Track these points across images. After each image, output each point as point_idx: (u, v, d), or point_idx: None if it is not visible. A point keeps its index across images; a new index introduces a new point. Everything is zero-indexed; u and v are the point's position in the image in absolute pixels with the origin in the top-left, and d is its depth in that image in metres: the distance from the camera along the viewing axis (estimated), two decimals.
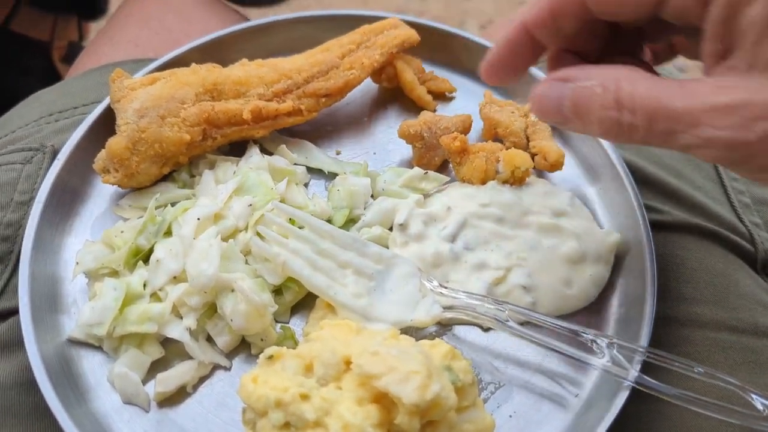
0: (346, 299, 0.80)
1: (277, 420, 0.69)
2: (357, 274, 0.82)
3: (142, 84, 0.89)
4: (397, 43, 0.98)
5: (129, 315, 0.77)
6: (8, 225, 0.86)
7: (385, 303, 0.81)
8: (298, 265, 0.81)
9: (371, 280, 0.82)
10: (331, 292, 0.80)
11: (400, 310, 0.80)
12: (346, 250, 0.83)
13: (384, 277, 0.82)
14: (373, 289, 0.81)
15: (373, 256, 0.83)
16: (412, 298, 0.81)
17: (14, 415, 0.76)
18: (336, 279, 0.81)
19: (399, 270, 0.82)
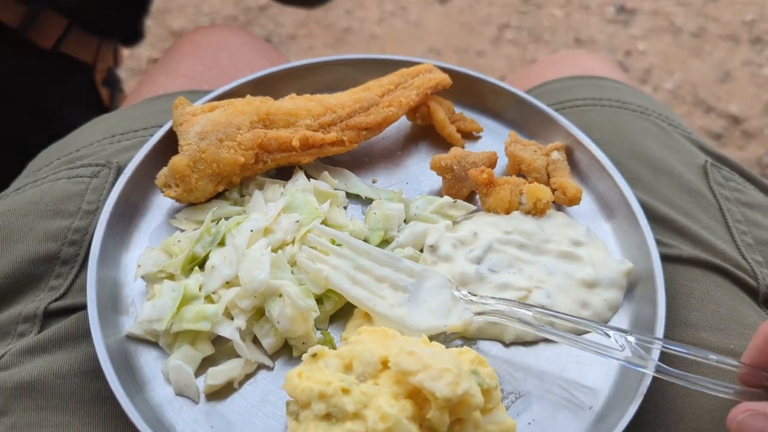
0: (384, 309, 0.88)
1: (320, 411, 0.76)
2: (392, 287, 0.90)
3: (203, 111, 0.98)
4: (431, 85, 1.08)
5: (185, 314, 0.85)
6: (76, 231, 0.95)
7: (419, 312, 0.88)
8: (340, 280, 0.89)
9: (405, 292, 0.90)
10: (370, 303, 0.88)
11: (434, 318, 0.88)
12: (381, 266, 0.91)
13: (417, 289, 0.90)
14: (407, 300, 0.89)
15: (406, 271, 0.91)
16: (444, 306, 0.89)
17: (78, 400, 0.83)
18: (374, 292, 0.89)
19: (431, 282, 0.90)
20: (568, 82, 1.23)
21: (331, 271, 0.89)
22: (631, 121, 1.13)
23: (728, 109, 2.68)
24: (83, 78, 1.58)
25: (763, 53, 2.83)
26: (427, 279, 0.91)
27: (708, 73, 2.77)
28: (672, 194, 1.04)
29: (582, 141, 1.05)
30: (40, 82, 1.52)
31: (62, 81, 1.56)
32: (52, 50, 1.47)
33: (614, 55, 2.80)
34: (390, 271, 0.91)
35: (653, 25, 2.91)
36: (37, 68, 1.50)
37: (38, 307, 0.89)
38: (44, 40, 1.45)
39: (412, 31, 2.87)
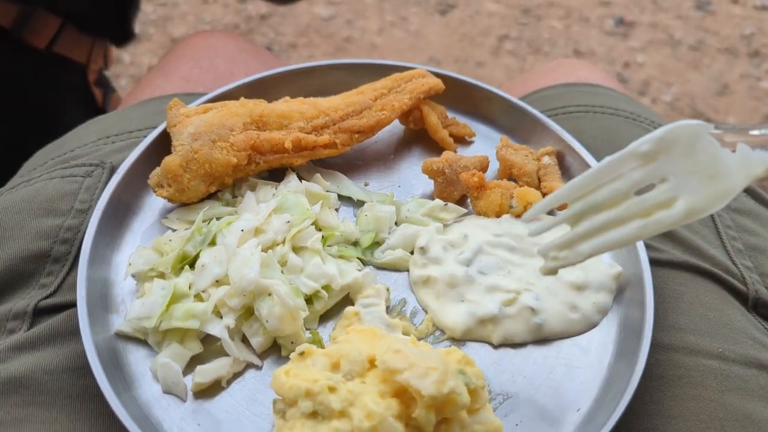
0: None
1: (306, 408, 0.76)
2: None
3: (197, 112, 0.99)
4: (424, 89, 1.08)
5: (174, 312, 0.86)
6: (68, 229, 0.95)
7: (699, 189, 0.69)
8: (602, 241, 0.73)
9: (668, 179, 0.70)
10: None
11: (721, 183, 0.69)
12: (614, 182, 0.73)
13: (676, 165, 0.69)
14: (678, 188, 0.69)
15: (636, 160, 0.71)
16: (720, 163, 0.68)
17: (66, 397, 0.84)
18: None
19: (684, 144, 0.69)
20: (561, 89, 1.24)
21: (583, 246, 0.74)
22: (623, 128, 1.14)
23: (726, 121, 2.68)
24: (76, 78, 1.59)
25: (762, 66, 2.84)
26: (675, 144, 0.69)
27: (706, 86, 2.78)
28: None
29: (573, 146, 1.06)
30: (34, 83, 1.53)
31: (56, 81, 1.56)
32: (46, 50, 1.48)
33: (613, 67, 2.82)
34: (631, 176, 0.71)
35: (652, 38, 2.92)
36: (31, 68, 1.51)
37: (28, 304, 0.90)
38: (38, 40, 1.46)
39: (413, 41, 2.88)
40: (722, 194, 0.68)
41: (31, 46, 1.46)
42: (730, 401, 0.86)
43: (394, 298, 0.94)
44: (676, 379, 0.88)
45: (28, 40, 1.45)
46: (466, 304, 0.91)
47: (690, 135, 0.68)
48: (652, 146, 0.69)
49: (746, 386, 0.89)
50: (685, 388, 0.87)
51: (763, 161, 0.68)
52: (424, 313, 0.93)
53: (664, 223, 0.69)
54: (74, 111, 1.60)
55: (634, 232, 0.70)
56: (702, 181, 0.68)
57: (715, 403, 0.86)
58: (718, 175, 0.68)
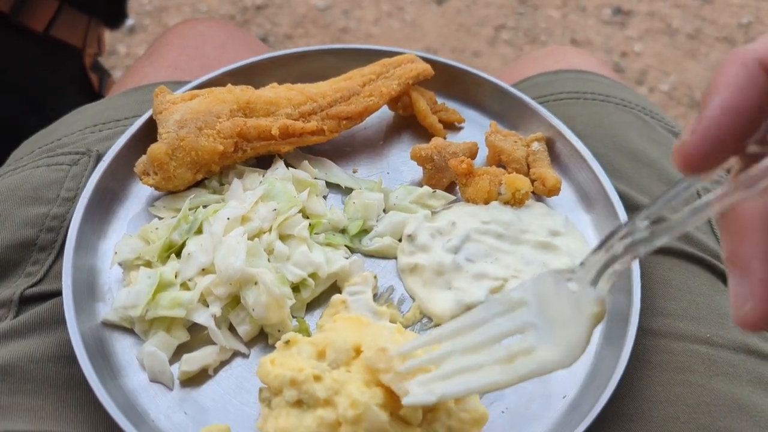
0: (536, 364, 0.66)
1: (291, 397, 0.75)
2: (515, 335, 0.68)
3: (183, 99, 0.98)
4: (413, 75, 1.08)
5: (161, 300, 0.85)
6: (54, 217, 0.95)
7: (562, 333, 0.65)
8: (462, 385, 0.70)
9: (532, 328, 0.67)
10: (516, 374, 0.67)
11: (578, 325, 0.64)
12: (483, 325, 0.71)
13: (540, 312, 0.67)
14: (541, 335, 0.66)
15: (509, 303, 0.69)
16: (572, 301, 0.65)
17: (51, 385, 0.83)
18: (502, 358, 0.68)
19: (544, 291, 0.67)
20: (552, 76, 1.23)
21: (447, 387, 0.71)
22: (613, 114, 1.13)
23: None
24: (73, 62, 1.60)
25: None
26: (537, 293, 0.68)
27: (704, 75, 2.77)
28: (652, 185, 1.04)
29: (563, 132, 1.05)
30: (33, 67, 1.54)
31: (54, 65, 1.57)
32: (43, 33, 1.48)
33: (610, 57, 2.80)
34: (499, 323, 0.69)
35: (649, 27, 2.91)
36: (29, 53, 1.52)
37: (14, 292, 0.89)
38: (36, 23, 1.46)
39: (409, 31, 2.87)
40: (570, 345, 0.63)
41: (29, 30, 1.47)
42: (718, 386, 0.86)
43: (381, 286, 0.94)
44: (663, 365, 0.88)
45: (27, 23, 1.46)
46: (453, 291, 0.91)
47: (552, 283, 0.66)
48: (518, 295, 0.68)
49: (734, 371, 0.88)
50: (673, 373, 0.87)
51: (596, 300, 0.62)
52: (412, 300, 0.93)
53: (521, 372, 0.66)
54: (72, 95, 1.61)
55: (495, 378, 0.67)
56: (556, 331, 0.65)
57: (702, 388, 0.86)
58: (567, 322, 0.64)
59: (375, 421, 0.73)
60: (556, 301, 0.66)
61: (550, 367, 0.65)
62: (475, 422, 0.77)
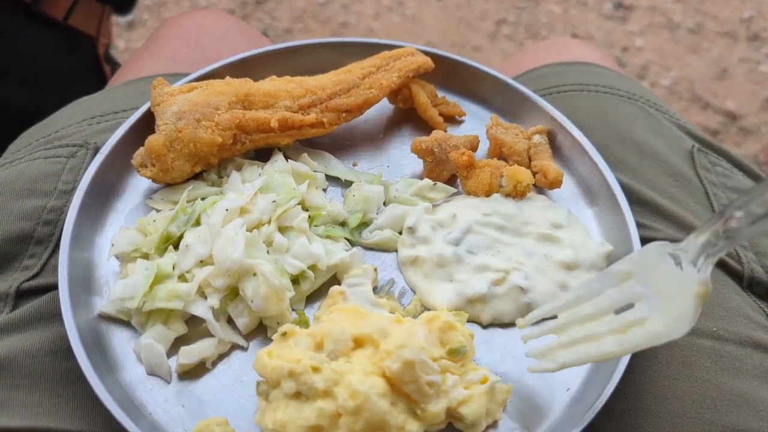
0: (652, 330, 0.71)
1: (289, 389, 0.75)
2: (623, 305, 0.74)
3: (181, 91, 0.97)
4: (413, 68, 1.07)
5: (158, 292, 0.84)
6: (51, 210, 0.94)
7: (673, 305, 0.70)
8: (581, 354, 0.75)
9: (640, 299, 0.72)
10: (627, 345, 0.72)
11: (685, 300, 0.68)
12: (594, 297, 0.76)
13: (647, 284, 0.72)
14: (652, 306, 0.71)
15: (617, 276, 0.74)
16: (680, 277, 0.69)
17: (48, 380, 0.82)
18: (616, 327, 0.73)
19: (647, 263, 0.72)
20: (556, 68, 1.22)
21: (572, 354, 0.76)
22: (618, 106, 1.12)
23: (725, 105, 2.66)
24: (88, 51, 1.62)
25: (761, 50, 2.82)
26: (642, 266, 0.72)
27: (705, 70, 2.75)
28: (657, 178, 1.03)
29: (564, 125, 1.04)
30: (51, 56, 1.55)
31: (71, 54, 1.59)
32: (63, 22, 1.50)
33: (611, 51, 2.79)
34: (611, 294, 0.74)
35: (651, 22, 2.89)
36: (48, 41, 1.54)
37: (11, 286, 0.88)
38: (56, 11, 1.48)
39: (409, 26, 2.86)
40: (678, 317, 0.69)
41: (48, 19, 1.49)
42: (724, 380, 0.85)
43: (382, 279, 0.93)
44: (669, 359, 0.87)
45: (48, 11, 1.47)
46: (454, 283, 0.90)
47: (655, 256, 0.71)
48: (624, 267, 0.74)
49: (740, 365, 0.87)
50: (679, 368, 0.86)
51: (701, 281, 0.68)
52: (413, 293, 0.92)
53: (634, 341, 0.71)
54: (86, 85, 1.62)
55: (610, 349, 0.73)
56: (664, 303, 0.70)
57: (708, 382, 0.85)
58: (676, 296, 0.69)
59: (375, 410, 0.73)
60: (661, 274, 0.70)
61: (660, 338, 0.70)
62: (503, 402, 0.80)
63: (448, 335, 0.82)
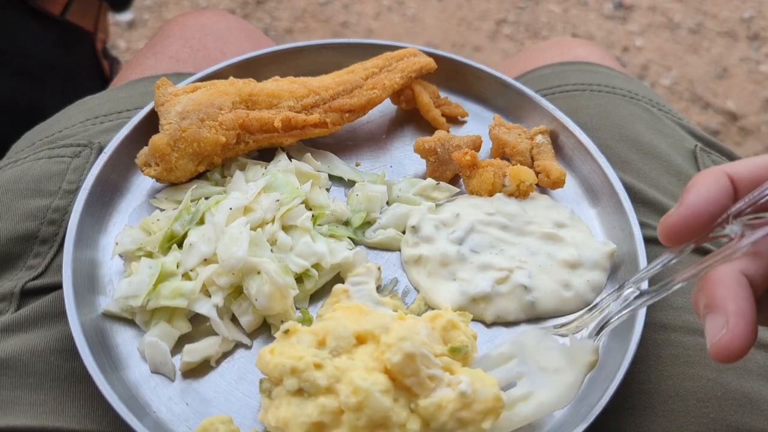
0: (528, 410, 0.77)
1: (291, 386, 0.75)
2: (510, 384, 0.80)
3: (185, 91, 0.98)
4: (416, 68, 1.07)
5: (162, 290, 0.85)
6: (56, 210, 0.94)
7: (552, 382, 0.78)
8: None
9: (521, 377, 0.79)
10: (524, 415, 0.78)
11: (569, 375, 0.77)
12: None
13: (527, 365, 0.79)
14: (531, 383, 0.78)
15: (497, 359, 0.81)
16: (563, 355, 0.78)
17: (54, 379, 0.83)
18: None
19: (530, 345, 0.80)
20: (558, 67, 1.23)
21: None
22: (620, 106, 1.12)
23: (725, 105, 2.67)
24: (86, 46, 1.63)
25: (761, 50, 2.82)
26: (522, 347, 0.80)
27: (705, 70, 2.76)
28: (660, 178, 1.04)
29: (567, 125, 1.04)
30: (49, 51, 1.56)
31: (69, 49, 1.60)
32: (60, 17, 1.51)
33: (612, 51, 2.80)
34: (493, 374, 0.80)
35: (651, 21, 2.90)
36: (46, 37, 1.55)
37: (16, 285, 0.89)
38: (53, 6, 1.49)
39: (409, 26, 2.86)
40: (569, 386, 0.76)
41: (46, 14, 1.50)
42: (728, 380, 0.85)
43: (385, 278, 0.94)
44: (673, 358, 0.87)
45: (45, 7, 1.48)
46: (458, 282, 0.90)
47: (536, 338, 0.79)
48: (504, 350, 0.80)
49: (744, 365, 0.88)
50: (683, 367, 0.86)
51: (590, 347, 0.76)
52: (416, 292, 0.92)
53: (521, 416, 0.77)
54: (85, 80, 1.65)
55: (503, 424, 0.77)
56: (550, 377, 0.77)
57: (713, 382, 0.85)
58: (562, 369, 0.77)
59: (378, 407, 0.73)
60: (543, 352, 0.78)
61: (548, 409, 0.77)
62: (489, 411, 0.75)
63: (450, 334, 0.82)
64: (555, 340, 0.79)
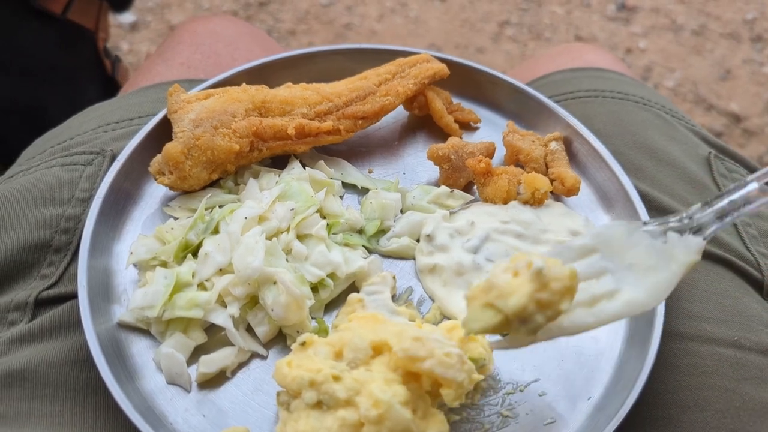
0: (613, 306, 0.73)
1: (310, 399, 0.74)
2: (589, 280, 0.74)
3: (198, 98, 0.97)
4: (429, 74, 1.06)
5: (178, 301, 0.84)
6: (69, 218, 0.94)
7: (642, 281, 0.72)
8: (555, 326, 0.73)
9: (605, 273, 0.74)
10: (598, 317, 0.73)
11: (660, 273, 0.72)
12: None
13: (613, 261, 0.74)
14: (617, 280, 0.73)
15: (580, 251, 0.75)
16: (655, 252, 0.72)
17: (69, 390, 0.82)
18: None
19: (616, 240, 0.74)
20: (569, 74, 1.22)
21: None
22: (633, 113, 1.12)
23: (729, 107, 2.66)
24: (88, 45, 1.63)
25: (764, 51, 2.82)
26: (606, 242, 0.74)
27: (709, 71, 2.76)
28: (675, 185, 1.03)
29: (580, 131, 1.04)
30: (51, 50, 1.57)
31: (71, 48, 1.60)
32: (61, 16, 1.51)
33: (615, 53, 2.79)
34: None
35: (654, 23, 2.90)
36: (48, 36, 1.55)
37: (30, 295, 0.88)
38: (54, 5, 1.49)
39: (412, 27, 2.85)
40: (661, 285, 0.71)
41: (47, 13, 1.50)
42: (747, 390, 0.85)
43: (400, 287, 0.93)
44: (691, 368, 0.87)
45: (46, 6, 1.48)
46: None
47: (622, 232, 0.74)
48: (587, 242, 0.75)
49: (762, 375, 0.87)
50: (701, 377, 0.86)
51: (696, 246, 0.72)
52: (431, 301, 0.92)
53: (605, 313, 0.72)
54: (88, 79, 1.65)
55: (583, 319, 0.73)
56: (639, 275, 0.72)
57: (731, 392, 0.85)
58: (654, 267, 0.72)
59: (399, 419, 0.72)
60: (632, 248, 0.72)
61: (637, 308, 0.71)
62: (565, 291, 0.71)
63: (468, 345, 0.81)
64: (645, 236, 0.73)
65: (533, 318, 0.70)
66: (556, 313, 0.71)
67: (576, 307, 0.73)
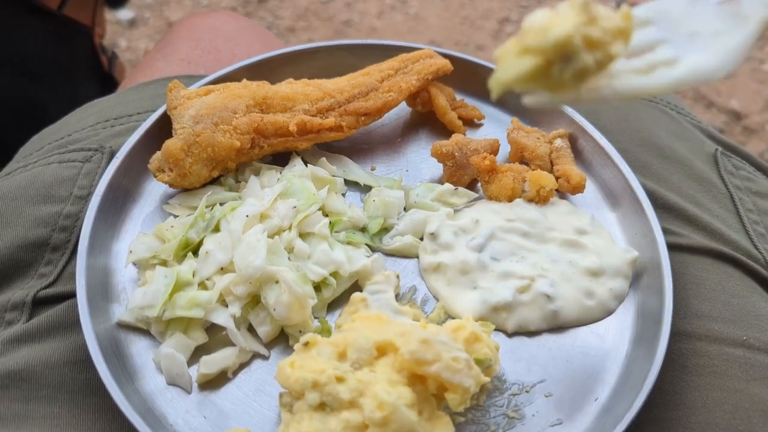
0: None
1: (313, 400, 0.73)
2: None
3: (198, 94, 0.96)
4: (432, 70, 1.05)
5: (178, 300, 0.83)
6: (67, 216, 0.92)
7: (704, 48, 0.67)
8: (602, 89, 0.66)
9: (662, 44, 0.69)
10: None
11: (726, 38, 0.67)
12: None
13: (668, 25, 0.69)
14: (675, 47, 0.68)
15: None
16: (719, 17, 0.68)
17: (67, 391, 0.81)
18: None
19: (678, 9, 0.70)
20: None
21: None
22: (639, 110, 1.11)
23: (729, 104, 2.65)
24: (84, 41, 1.62)
25: (765, 49, 2.81)
26: (667, 10, 0.69)
27: None
28: (681, 183, 1.02)
29: (586, 128, 1.03)
30: (48, 46, 1.55)
31: (67, 43, 1.59)
32: (57, 11, 1.50)
33: None
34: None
35: None
36: (44, 32, 1.53)
37: (27, 294, 0.87)
38: (50, 1, 1.48)
39: (412, 24, 2.84)
40: (734, 47, 0.66)
41: (43, 9, 1.48)
42: (756, 390, 0.84)
43: (403, 286, 0.92)
44: (699, 369, 0.85)
45: (42, 1, 1.47)
46: (478, 291, 0.88)
47: (685, 2, 0.69)
48: (642, 13, 0.69)
49: None
50: (709, 378, 0.84)
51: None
52: (435, 300, 0.90)
53: (667, 78, 0.66)
54: (85, 75, 1.64)
55: (635, 85, 0.67)
56: (705, 42, 0.67)
57: (740, 392, 0.83)
58: (722, 31, 0.66)
59: (404, 421, 0.71)
60: (694, 16, 0.68)
61: (705, 74, 0.66)
62: (618, 32, 0.64)
63: (473, 346, 0.80)
64: (709, 2, 0.68)
65: (579, 56, 0.62)
66: (606, 58, 0.63)
67: (631, 73, 0.67)
